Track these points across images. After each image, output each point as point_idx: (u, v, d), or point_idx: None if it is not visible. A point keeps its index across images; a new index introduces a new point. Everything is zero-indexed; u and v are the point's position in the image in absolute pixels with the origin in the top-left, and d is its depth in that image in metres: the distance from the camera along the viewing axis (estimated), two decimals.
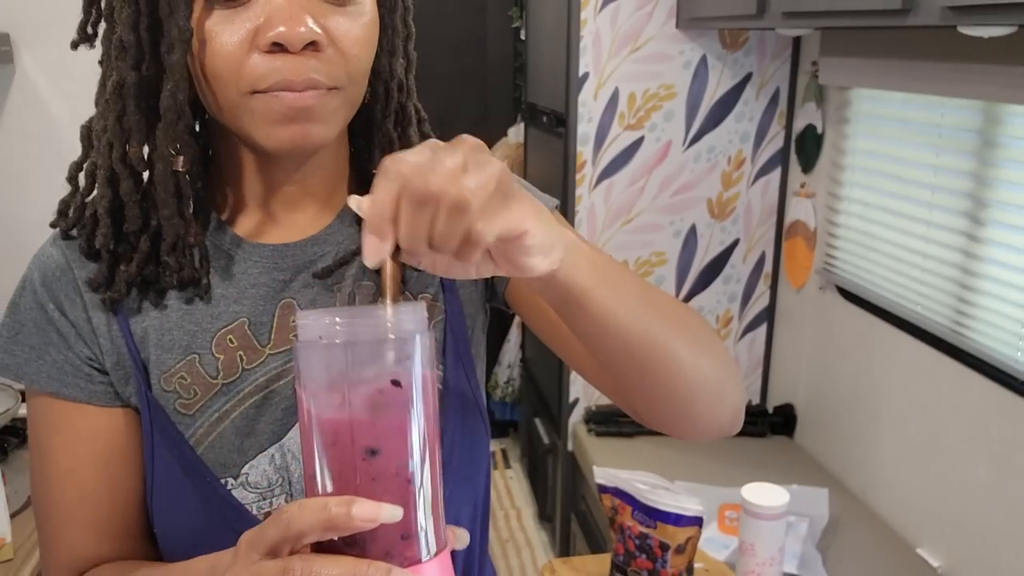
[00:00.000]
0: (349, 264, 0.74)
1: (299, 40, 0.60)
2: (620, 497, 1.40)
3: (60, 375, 0.69)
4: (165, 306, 0.70)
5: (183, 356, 0.70)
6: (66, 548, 0.71)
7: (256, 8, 0.61)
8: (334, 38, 0.63)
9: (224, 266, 0.71)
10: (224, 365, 0.70)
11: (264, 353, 0.71)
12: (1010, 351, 1.46)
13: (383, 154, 0.70)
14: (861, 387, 1.89)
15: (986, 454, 1.50)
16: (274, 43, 0.60)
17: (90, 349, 0.69)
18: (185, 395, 0.69)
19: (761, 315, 2.28)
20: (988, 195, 1.50)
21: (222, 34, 0.61)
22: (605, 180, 2.13)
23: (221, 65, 0.62)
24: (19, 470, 1.70)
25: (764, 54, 2.09)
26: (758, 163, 2.16)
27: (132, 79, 0.64)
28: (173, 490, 0.70)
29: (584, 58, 2.05)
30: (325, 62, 0.62)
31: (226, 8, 0.61)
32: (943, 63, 1.51)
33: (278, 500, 0.71)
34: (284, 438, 0.71)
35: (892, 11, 1.19)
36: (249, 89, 0.62)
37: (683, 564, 1.36)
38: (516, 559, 2.80)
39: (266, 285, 0.71)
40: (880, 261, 1.80)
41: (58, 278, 0.70)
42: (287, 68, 0.61)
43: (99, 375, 0.70)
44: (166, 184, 0.66)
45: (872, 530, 1.76)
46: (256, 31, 0.61)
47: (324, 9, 0.62)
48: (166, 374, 0.69)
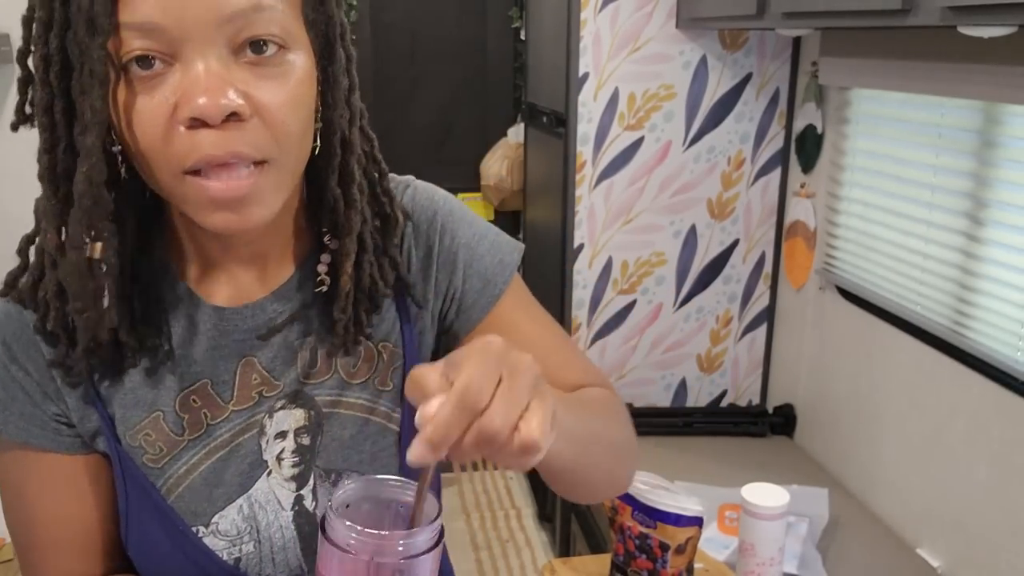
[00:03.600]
0: (302, 320, 0.74)
1: (219, 113, 0.57)
2: (620, 497, 1.40)
3: (28, 426, 0.70)
4: (128, 370, 0.71)
5: (148, 413, 0.71)
6: (52, 572, 0.73)
7: (174, 79, 0.58)
8: (258, 106, 0.59)
9: (185, 327, 0.71)
10: (189, 423, 0.71)
11: (228, 410, 0.72)
12: (1010, 351, 1.46)
13: (332, 210, 0.70)
14: (861, 387, 1.89)
15: (986, 454, 1.51)
16: (193, 118, 0.57)
17: (56, 406, 0.70)
18: (151, 451, 0.71)
19: (761, 315, 2.28)
20: (988, 195, 1.50)
21: (143, 111, 0.59)
22: (605, 180, 2.13)
23: (147, 144, 0.59)
24: None
25: (764, 54, 2.09)
26: (758, 163, 2.16)
27: (45, 163, 0.62)
28: (147, 535, 0.72)
29: (584, 58, 2.05)
30: (250, 132, 0.59)
31: (144, 82, 0.58)
32: (943, 63, 1.51)
33: (247, 547, 0.73)
34: (251, 489, 0.73)
35: (892, 11, 1.19)
36: (179, 169, 0.59)
37: (683, 564, 1.36)
38: (516, 559, 2.80)
39: (226, 347, 0.72)
40: (880, 261, 1.80)
41: (18, 338, 0.69)
42: (208, 143, 0.58)
43: (67, 428, 0.71)
44: (76, 274, 0.62)
45: (872, 530, 1.76)
46: (176, 105, 0.58)
47: (246, 76, 0.59)
48: (131, 431, 0.71)
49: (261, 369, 0.73)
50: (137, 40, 0.57)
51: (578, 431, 0.68)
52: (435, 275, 0.78)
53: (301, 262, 0.74)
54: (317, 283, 0.73)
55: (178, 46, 0.57)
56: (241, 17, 0.58)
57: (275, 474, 0.73)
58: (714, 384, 2.32)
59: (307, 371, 0.74)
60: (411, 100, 3.30)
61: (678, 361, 2.30)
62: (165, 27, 0.57)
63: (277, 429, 0.73)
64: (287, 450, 0.74)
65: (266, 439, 0.73)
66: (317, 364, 0.74)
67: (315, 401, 0.74)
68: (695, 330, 2.27)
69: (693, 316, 2.26)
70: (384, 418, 0.77)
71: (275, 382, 0.73)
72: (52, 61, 0.59)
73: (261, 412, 0.73)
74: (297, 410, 0.74)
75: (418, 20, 3.23)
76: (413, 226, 0.78)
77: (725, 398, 2.33)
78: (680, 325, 2.26)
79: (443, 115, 3.33)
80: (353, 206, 0.70)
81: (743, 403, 2.33)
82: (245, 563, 0.73)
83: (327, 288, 0.73)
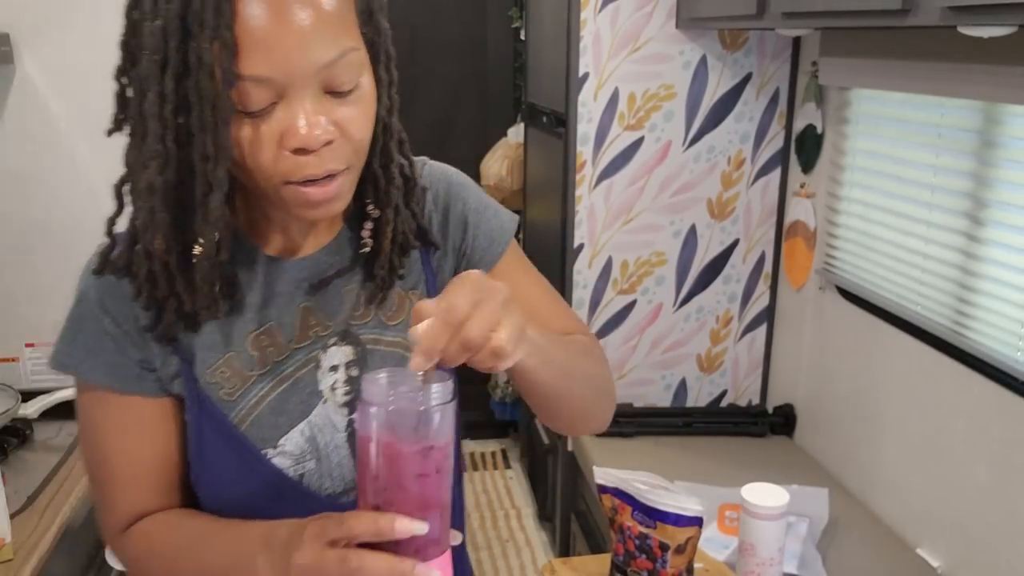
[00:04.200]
0: (349, 272, 0.89)
1: (317, 144, 0.72)
2: (620, 497, 1.40)
3: (113, 372, 0.83)
4: (207, 320, 0.83)
5: (223, 354, 0.84)
6: (122, 506, 0.86)
7: (279, 115, 0.71)
8: (343, 129, 0.74)
9: (255, 280, 0.85)
10: (258, 361, 0.85)
11: (290, 348, 0.86)
12: (1010, 351, 1.46)
13: (373, 186, 0.85)
14: (861, 387, 1.89)
15: (986, 454, 1.51)
16: (297, 148, 0.71)
17: (141, 352, 0.83)
18: (227, 386, 0.84)
19: (761, 315, 2.28)
20: (988, 195, 1.50)
21: (255, 141, 0.72)
22: (605, 180, 2.13)
23: (257, 164, 0.73)
24: (19, 471, 1.71)
25: (764, 54, 2.09)
26: (758, 163, 2.16)
27: (160, 184, 0.73)
28: (222, 462, 0.84)
29: (584, 58, 2.06)
30: (338, 149, 0.74)
31: (252, 120, 0.71)
32: (943, 63, 1.51)
33: (309, 464, 0.86)
34: (310, 415, 0.86)
35: (892, 11, 1.19)
36: (282, 181, 0.73)
37: (683, 564, 1.36)
38: (516, 559, 2.80)
39: (289, 295, 0.86)
40: (880, 261, 1.80)
41: (113, 297, 0.82)
42: (311, 165, 0.73)
43: (149, 373, 0.83)
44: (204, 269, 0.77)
45: (872, 530, 1.76)
46: (281, 136, 0.71)
47: (332, 106, 0.73)
48: (208, 370, 0.83)
49: (316, 313, 0.87)
50: (253, 90, 0.69)
51: (556, 357, 0.81)
52: (451, 234, 0.93)
53: (346, 223, 0.89)
54: (361, 244, 0.88)
55: (283, 90, 0.70)
56: (331, 66, 0.71)
57: (330, 402, 0.87)
58: (714, 384, 2.32)
59: (352, 314, 0.88)
60: (411, 100, 3.29)
61: (678, 361, 2.30)
62: (274, 79, 0.69)
63: (330, 363, 0.87)
64: (339, 381, 0.88)
65: (321, 372, 0.87)
66: (360, 308, 0.89)
67: (360, 338, 0.88)
68: (695, 330, 2.27)
69: (693, 316, 2.26)
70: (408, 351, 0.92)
71: (328, 323, 0.87)
72: (167, 99, 0.70)
73: (317, 349, 0.87)
74: (346, 346, 0.88)
75: (418, 20, 3.23)
76: (432, 195, 0.93)
77: (725, 398, 2.33)
78: (680, 325, 2.26)
79: (443, 115, 3.33)
80: (392, 182, 0.84)
81: (743, 403, 2.33)
82: (308, 479, 0.86)
83: (369, 248, 0.88)
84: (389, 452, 0.67)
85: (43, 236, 2.08)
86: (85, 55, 2.07)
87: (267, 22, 0.68)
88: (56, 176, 2.07)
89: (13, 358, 2.10)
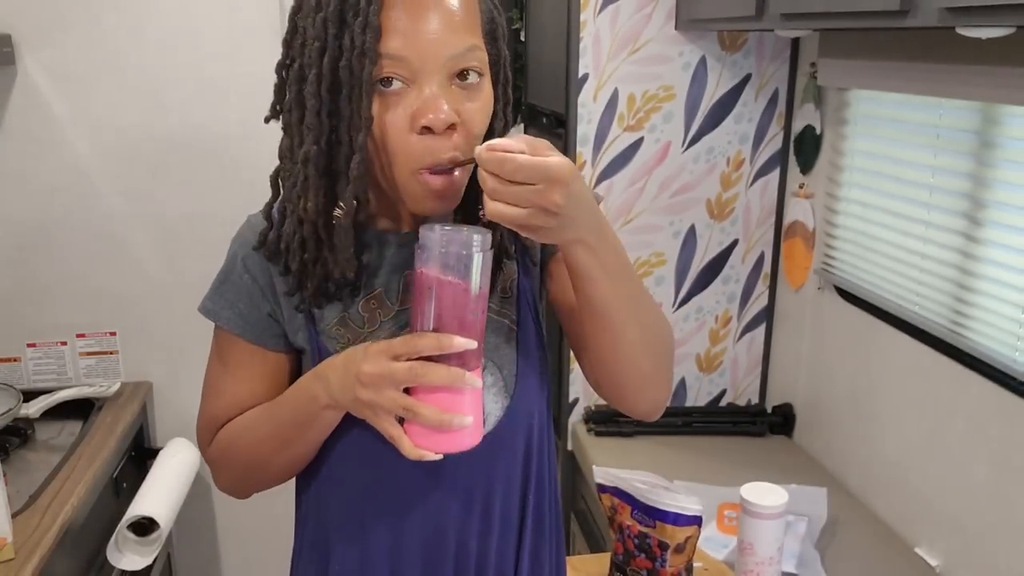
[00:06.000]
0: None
1: (443, 125, 0.83)
2: (619, 496, 1.41)
3: (244, 322, 0.98)
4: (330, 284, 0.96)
5: (340, 313, 0.97)
6: (219, 420, 1.03)
7: (410, 97, 0.84)
8: (464, 120, 0.86)
9: (369, 251, 0.98)
10: (368, 320, 0.97)
11: (394, 310, 0.98)
12: (1008, 351, 1.46)
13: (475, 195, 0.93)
14: (860, 387, 1.90)
15: (984, 454, 1.51)
16: (424, 127, 0.83)
17: (272, 308, 0.98)
18: (342, 340, 0.97)
19: (760, 315, 2.28)
20: (986, 196, 1.50)
21: (390, 118, 0.84)
22: (605, 181, 2.14)
23: (392, 143, 0.85)
24: (21, 470, 1.71)
25: (763, 55, 2.09)
26: (757, 164, 2.17)
27: (314, 153, 0.86)
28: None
29: (584, 59, 2.06)
30: (461, 139, 0.85)
31: (388, 97, 0.84)
32: (941, 64, 1.52)
33: None
34: None
35: (890, 12, 1.19)
36: (413, 169, 0.85)
37: (682, 563, 1.37)
38: None
39: (395, 264, 0.98)
40: (878, 261, 1.81)
41: (254, 260, 0.97)
42: (436, 147, 0.85)
43: (275, 326, 0.98)
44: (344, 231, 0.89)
45: (871, 529, 1.77)
46: (412, 119, 0.84)
47: (458, 96, 0.85)
48: (328, 326, 0.97)
49: None
50: (389, 65, 0.83)
51: (613, 267, 0.89)
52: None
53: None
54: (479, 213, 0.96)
55: (416, 73, 0.83)
56: (460, 56, 0.84)
57: None
58: (713, 384, 2.32)
59: None
60: None
61: (677, 361, 2.30)
62: (409, 58, 0.83)
63: None
64: None
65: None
66: None
67: None
68: (694, 330, 2.28)
69: (692, 316, 2.26)
70: (509, 320, 1.03)
71: None
72: (324, 79, 0.84)
73: None
74: None
75: None
76: None
77: (724, 398, 2.34)
78: (679, 325, 2.26)
79: None
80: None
81: (742, 403, 2.34)
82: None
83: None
84: (440, 284, 0.82)
85: (43, 236, 2.08)
86: (86, 56, 2.07)
87: (407, 13, 0.82)
88: (56, 176, 2.07)
89: (15, 358, 2.10)
